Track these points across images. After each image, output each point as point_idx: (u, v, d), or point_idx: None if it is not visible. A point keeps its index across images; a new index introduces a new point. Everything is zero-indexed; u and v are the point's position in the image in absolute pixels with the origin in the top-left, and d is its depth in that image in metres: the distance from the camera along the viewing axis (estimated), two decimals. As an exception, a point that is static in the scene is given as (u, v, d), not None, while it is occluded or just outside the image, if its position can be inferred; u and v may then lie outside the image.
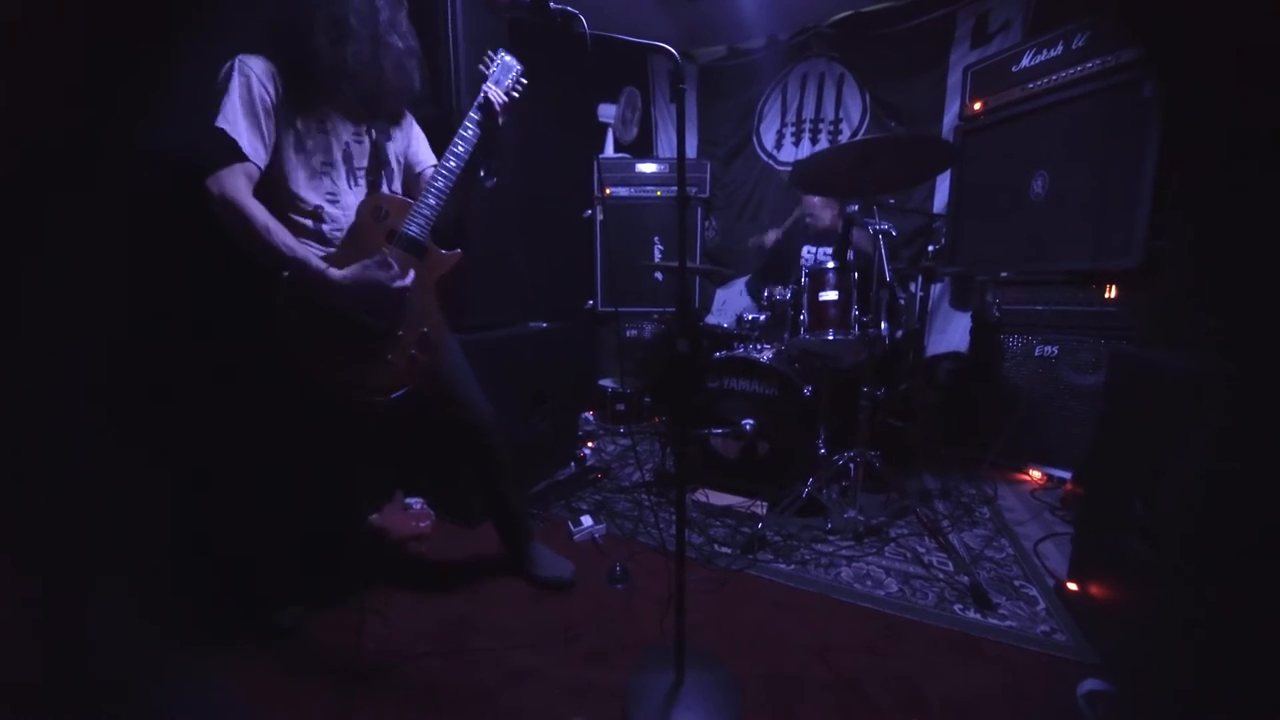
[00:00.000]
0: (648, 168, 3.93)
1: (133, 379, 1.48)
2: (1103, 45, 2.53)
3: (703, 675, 1.39)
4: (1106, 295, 2.59)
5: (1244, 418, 1.00)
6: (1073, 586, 1.73)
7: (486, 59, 1.59)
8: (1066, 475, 2.67)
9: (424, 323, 1.53)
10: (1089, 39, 2.59)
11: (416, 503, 2.29)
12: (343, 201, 1.50)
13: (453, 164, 1.51)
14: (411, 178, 1.67)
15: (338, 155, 1.49)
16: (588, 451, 3.06)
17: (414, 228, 1.49)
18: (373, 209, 1.49)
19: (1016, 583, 1.90)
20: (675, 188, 1.24)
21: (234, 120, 1.31)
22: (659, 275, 3.85)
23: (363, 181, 1.55)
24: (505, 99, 1.57)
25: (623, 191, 3.93)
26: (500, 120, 1.57)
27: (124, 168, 1.44)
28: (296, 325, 1.42)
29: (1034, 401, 2.76)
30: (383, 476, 2.31)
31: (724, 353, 2.66)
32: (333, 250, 1.46)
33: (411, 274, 1.48)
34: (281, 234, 1.34)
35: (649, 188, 3.93)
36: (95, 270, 1.23)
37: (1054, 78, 2.70)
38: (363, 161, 1.54)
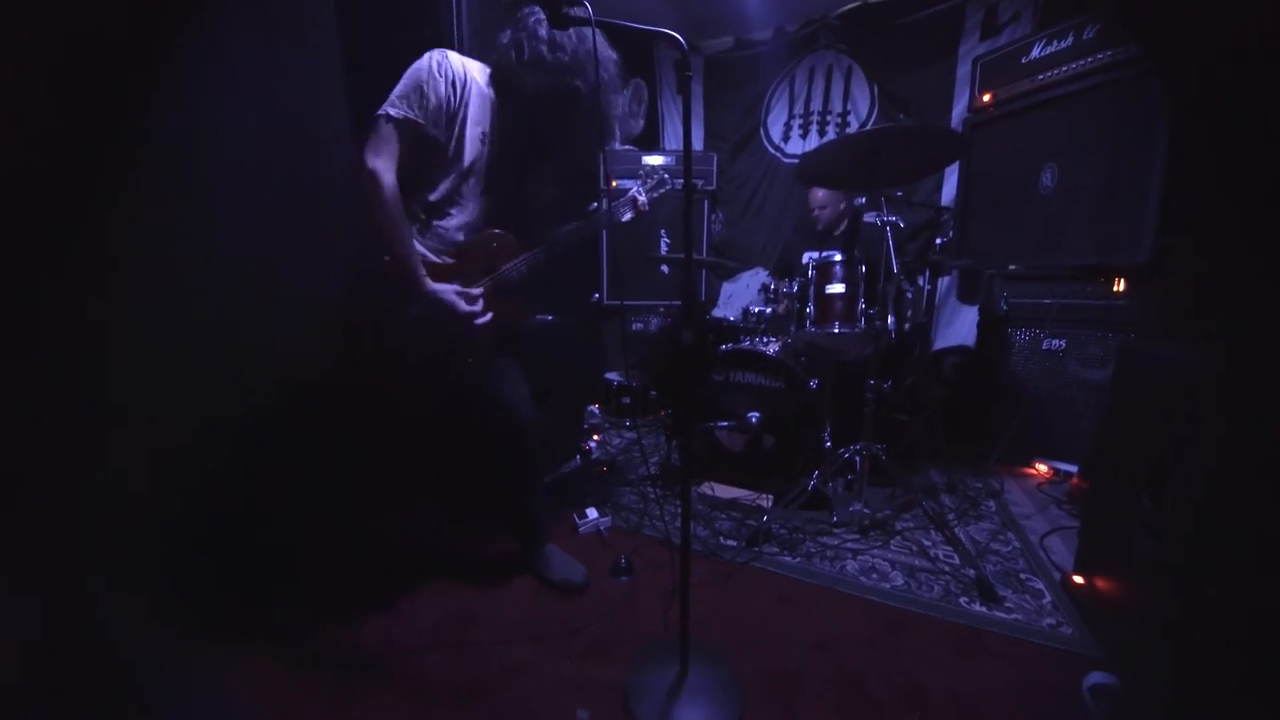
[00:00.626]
0: (654, 160, 3.90)
1: (134, 377, 1.49)
2: (1114, 37, 2.49)
3: (706, 669, 1.39)
4: (1115, 289, 2.58)
5: (1246, 415, 0.99)
6: (1079, 580, 1.73)
7: (648, 170, 1.82)
8: (1073, 469, 2.66)
9: (474, 354, 1.59)
10: (1100, 31, 2.55)
11: (422, 499, 2.28)
12: (464, 206, 1.56)
13: (576, 238, 1.64)
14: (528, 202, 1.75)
15: (485, 171, 1.56)
16: (593, 445, 3.06)
17: (516, 274, 1.58)
18: (489, 239, 1.57)
19: (1022, 576, 1.90)
20: (681, 180, 1.24)
21: (422, 108, 1.40)
22: (665, 268, 3.85)
23: (491, 201, 1.61)
24: (647, 206, 1.75)
25: (628, 184, 3.90)
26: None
27: (136, 165, 1.45)
28: (358, 307, 1.50)
29: (1041, 395, 2.75)
30: (388, 471, 2.31)
31: (730, 346, 2.65)
32: (431, 245, 1.53)
33: (490, 315, 1.55)
34: (404, 228, 1.42)
35: (655, 180, 3.90)
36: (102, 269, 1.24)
37: (1064, 69, 2.65)
38: (499, 185, 1.61)
